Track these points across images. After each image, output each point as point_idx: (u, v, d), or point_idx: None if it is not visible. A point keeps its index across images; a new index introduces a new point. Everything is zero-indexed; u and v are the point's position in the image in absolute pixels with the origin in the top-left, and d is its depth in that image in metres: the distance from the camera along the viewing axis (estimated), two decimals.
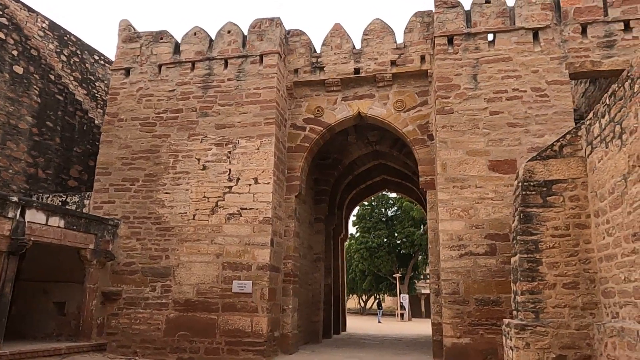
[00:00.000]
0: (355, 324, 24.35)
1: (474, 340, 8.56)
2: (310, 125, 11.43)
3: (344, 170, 15.04)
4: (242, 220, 10.17)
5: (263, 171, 10.36)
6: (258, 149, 10.51)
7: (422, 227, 33.29)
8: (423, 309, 43.40)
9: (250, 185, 10.36)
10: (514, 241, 6.50)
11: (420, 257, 35.84)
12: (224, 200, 10.37)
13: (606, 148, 5.53)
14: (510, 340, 5.69)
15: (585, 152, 6.31)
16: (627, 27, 9.40)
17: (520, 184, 6.29)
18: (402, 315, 33.30)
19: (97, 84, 15.11)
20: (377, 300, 33.81)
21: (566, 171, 6.19)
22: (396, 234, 35.37)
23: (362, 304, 41.88)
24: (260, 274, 9.78)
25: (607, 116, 5.47)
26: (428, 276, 43.56)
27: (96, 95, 15.00)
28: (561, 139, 6.68)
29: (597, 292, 5.78)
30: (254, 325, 9.55)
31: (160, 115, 11.24)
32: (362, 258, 34.39)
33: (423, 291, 42.05)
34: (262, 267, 9.81)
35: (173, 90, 11.31)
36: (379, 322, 29.44)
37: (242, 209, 10.24)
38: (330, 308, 14.82)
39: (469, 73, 9.88)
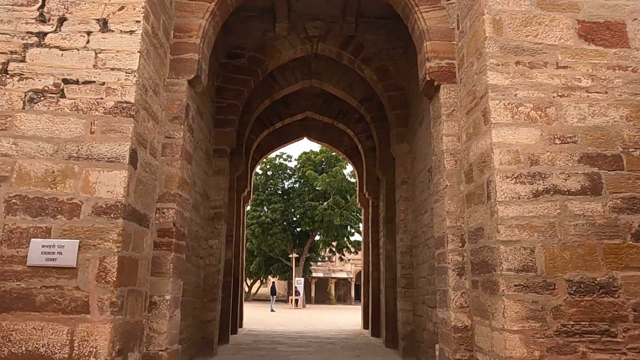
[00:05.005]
0: (246, 315, 19.27)
1: None
2: None
3: (263, 86, 9.81)
4: (66, 106, 4.52)
5: (122, 7, 4.80)
6: None
7: (324, 201, 29.15)
8: (313, 294, 39.90)
9: (89, 33, 4.73)
10: None
11: (318, 236, 31.73)
12: (24, 61, 4.61)
13: None
14: None
15: None
16: None
17: None
18: (296, 301, 28.94)
19: None
20: (271, 285, 28.98)
21: None
22: (293, 209, 30.81)
23: (247, 289, 36.79)
24: (101, 225, 4.28)
25: None
26: (324, 258, 40.02)
27: None
28: None
29: None
30: (78, 344, 4.06)
31: None
32: (253, 235, 29.22)
33: (315, 274, 38.45)
34: (105, 209, 4.31)
35: None
36: (272, 310, 24.73)
37: (66, 81, 4.58)
38: (230, 297, 9.57)
39: None
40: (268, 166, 31.37)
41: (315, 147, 31.78)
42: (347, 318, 20.07)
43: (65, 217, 4.27)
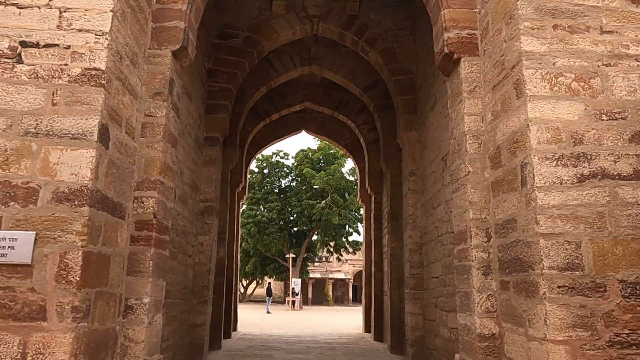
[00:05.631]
0: (241, 317, 18.50)
1: None
2: None
3: (259, 72, 9.12)
4: (23, 73, 3.81)
5: None
6: None
7: (322, 200, 28.44)
8: (310, 295, 39.18)
9: None
10: None
11: (315, 236, 31.01)
12: None
13: None
14: None
15: None
16: None
17: None
18: (293, 303, 28.21)
19: None
20: (267, 286, 28.25)
21: None
22: (290, 208, 30.09)
23: (243, 290, 36.03)
24: (63, 214, 3.57)
25: None
26: (322, 259, 39.28)
27: None
28: None
29: None
30: (31, 357, 3.35)
31: None
32: (249, 235, 28.48)
33: (312, 275, 37.75)
34: (68, 195, 3.60)
35: None
36: (268, 312, 24.01)
37: (24, 44, 3.87)
38: (222, 299, 8.85)
39: None
40: (264, 164, 30.66)
41: (313, 144, 31.09)
42: (346, 320, 19.38)
43: (19, 204, 3.55)
